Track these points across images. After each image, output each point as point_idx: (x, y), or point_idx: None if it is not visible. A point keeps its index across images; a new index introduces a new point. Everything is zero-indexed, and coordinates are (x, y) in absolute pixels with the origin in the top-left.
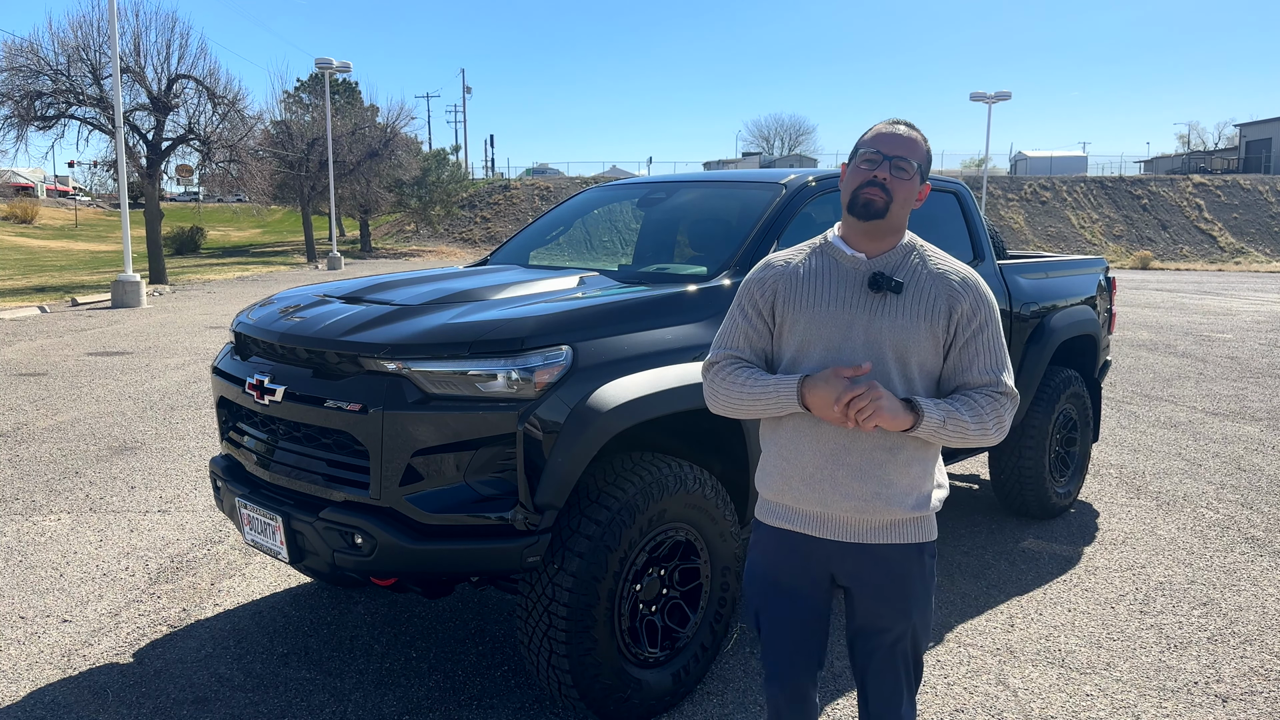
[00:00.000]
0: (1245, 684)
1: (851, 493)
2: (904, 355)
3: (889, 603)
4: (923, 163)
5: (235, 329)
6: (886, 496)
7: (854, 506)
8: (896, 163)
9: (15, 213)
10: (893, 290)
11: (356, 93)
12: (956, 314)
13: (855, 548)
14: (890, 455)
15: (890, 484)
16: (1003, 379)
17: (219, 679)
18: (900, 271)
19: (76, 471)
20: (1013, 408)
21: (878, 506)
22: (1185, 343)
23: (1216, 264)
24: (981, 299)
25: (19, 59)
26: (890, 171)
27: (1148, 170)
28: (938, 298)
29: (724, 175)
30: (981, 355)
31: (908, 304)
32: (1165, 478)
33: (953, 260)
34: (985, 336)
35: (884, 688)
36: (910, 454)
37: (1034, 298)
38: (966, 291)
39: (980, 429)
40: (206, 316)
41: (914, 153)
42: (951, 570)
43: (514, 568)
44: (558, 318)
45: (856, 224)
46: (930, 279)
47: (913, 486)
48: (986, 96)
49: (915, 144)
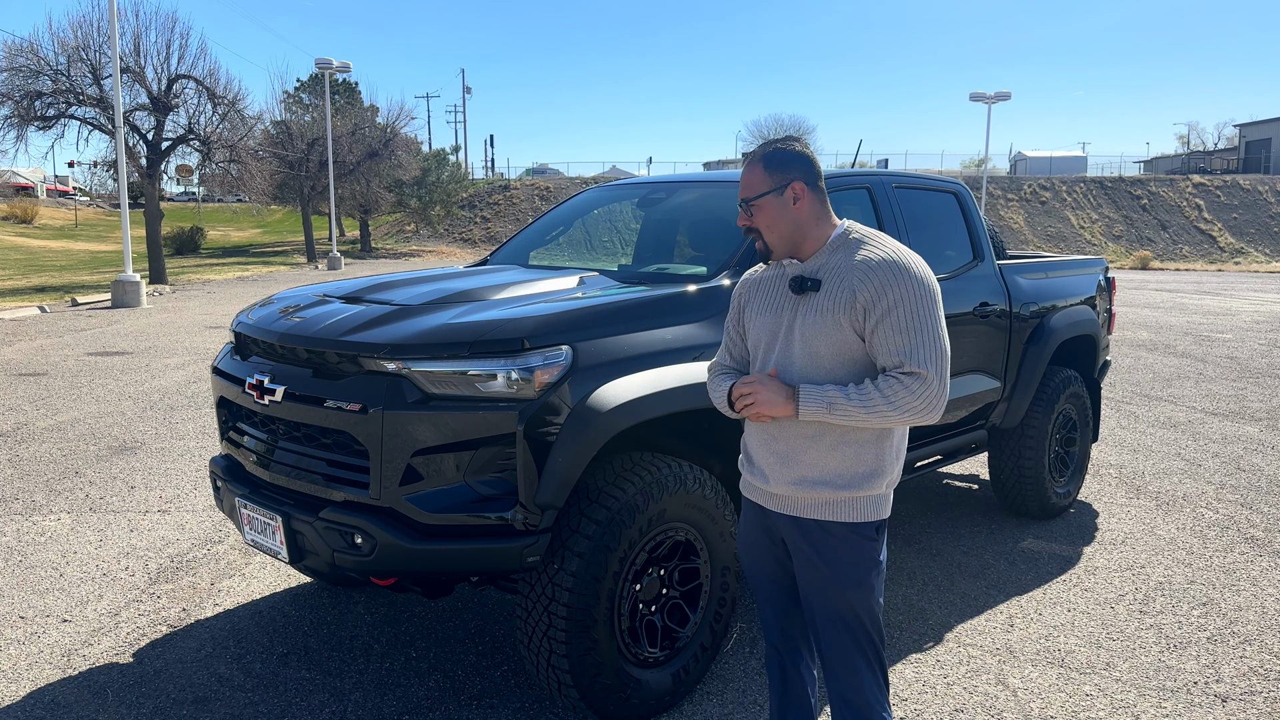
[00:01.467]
0: (1245, 684)
1: (780, 476)
2: (816, 349)
3: (818, 577)
4: (773, 184)
5: (235, 329)
6: (812, 479)
7: (784, 488)
8: (746, 207)
9: (15, 213)
10: (811, 289)
11: (356, 93)
12: (861, 299)
13: (792, 520)
14: (811, 442)
15: (814, 467)
16: (908, 360)
17: (219, 679)
18: (824, 269)
19: (76, 471)
20: (924, 389)
21: (804, 488)
22: (1185, 343)
23: (1216, 264)
24: (891, 280)
25: (19, 59)
26: (750, 216)
27: (1147, 170)
28: (844, 288)
29: (724, 175)
30: (890, 338)
31: (823, 300)
32: (1165, 478)
33: (880, 246)
34: (895, 318)
35: (837, 663)
36: (835, 439)
37: (1033, 298)
38: (872, 276)
39: (876, 413)
40: (206, 316)
41: (752, 188)
42: (951, 570)
43: (514, 568)
44: (558, 318)
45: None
46: (847, 270)
47: (843, 468)
48: (986, 97)
49: (751, 180)
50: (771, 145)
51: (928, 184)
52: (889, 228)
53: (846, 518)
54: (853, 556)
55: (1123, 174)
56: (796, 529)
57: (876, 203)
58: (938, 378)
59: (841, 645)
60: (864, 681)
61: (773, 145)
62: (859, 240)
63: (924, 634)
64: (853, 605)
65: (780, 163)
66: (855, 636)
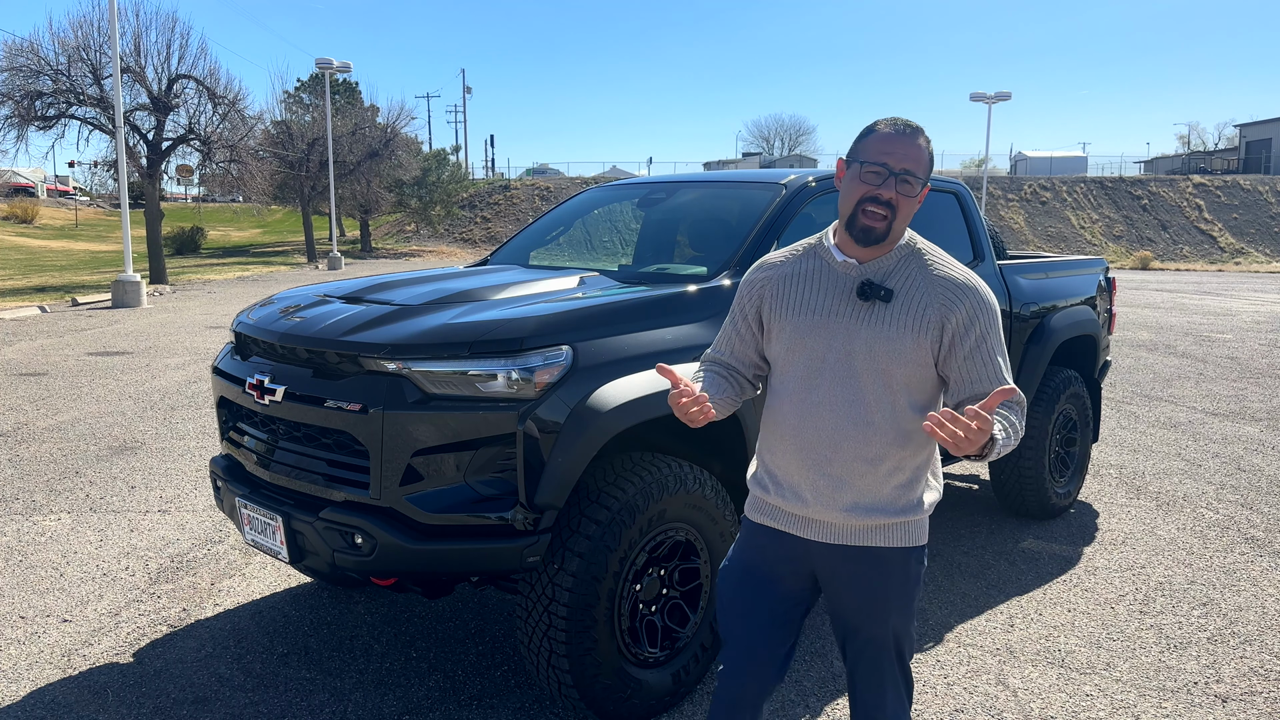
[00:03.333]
0: (1245, 684)
1: (833, 502)
2: (887, 367)
3: (868, 604)
4: (927, 172)
5: (235, 329)
6: (867, 506)
7: (835, 514)
8: (904, 178)
9: (15, 213)
10: (881, 299)
11: (356, 93)
12: (951, 323)
13: (837, 549)
14: (871, 467)
15: (871, 493)
16: (1015, 384)
17: (219, 679)
18: (893, 278)
19: (76, 471)
20: (1025, 415)
21: (858, 515)
22: (1185, 343)
23: (1216, 264)
24: (981, 305)
25: (19, 59)
26: (897, 189)
27: (1148, 171)
28: (928, 306)
29: (724, 175)
30: (990, 363)
31: (896, 313)
32: (1165, 478)
33: (952, 264)
34: (990, 343)
35: (870, 688)
36: (894, 464)
37: (1034, 298)
38: (963, 298)
39: (1017, 438)
40: (206, 316)
41: (920, 165)
42: (951, 570)
43: (514, 568)
44: (558, 318)
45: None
46: (924, 285)
47: (898, 495)
48: (986, 97)
49: (921, 153)
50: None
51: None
52: None
53: (901, 543)
54: (903, 582)
55: (1123, 174)
56: (841, 558)
57: None
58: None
59: (878, 670)
60: (889, 702)
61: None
62: (924, 253)
63: (924, 634)
64: (895, 631)
65: (931, 153)
66: (892, 660)
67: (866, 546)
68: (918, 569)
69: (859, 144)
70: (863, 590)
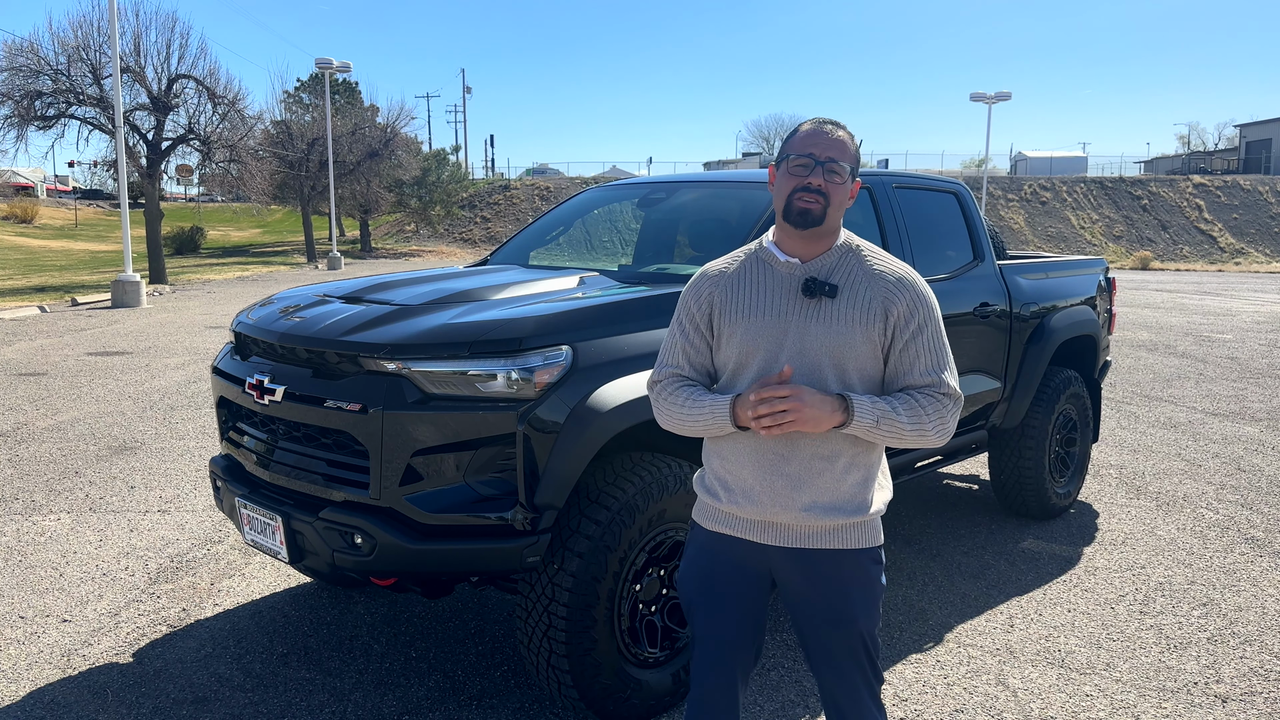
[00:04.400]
0: (1245, 684)
1: (790, 503)
2: (840, 361)
3: (831, 608)
4: (853, 163)
5: (235, 329)
6: (825, 505)
7: (793, 516)
8: (829, 166)
9: (15, 213)
10: (827, 295)
11: (356, 93)
12: (893, 315)
13: (796, 552)
14: (828, 463)
15: (829, 492)
16: (944, 379)
17: (219, 679)
18: (836, 274)
19: (76, 471)
20: (956, 409)
21: (816, 515)
22: (1185, 343)
23: (1216, 264)
24: (919, 298)
25: (19, 59)
26: (824, 176)
27: (1148, 171)
28: (873, 299)
29: (724, 175)
30: (923, 356)
31: (843, 308)
32: (1165, 478)
33: (890, 259)
34: (925, 336)
35: (842, 691)
36: (849, 460)
37: (1034, 298)
38: (903, 291)
39: (918, 430)
40: (206, 316)
41: (845, 154)
42: (951, 570)
43: (514, 568)
44: (558, 318)
45: (792, 230)
46: (866, 280)
47: (853, 493)
48: (986, 97)
49: (845, 145)
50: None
51: (928, 184)
52: (889, 228)
53: (857, 544)
54: (865, 584)
55: (1123, 174)
56: (799, 561)
57: (877, 203)
58: (960, 399)
59: (848, 676)
60: (865, 708)
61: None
62: (863, 249)
63: (924, 634)
64: (862, 634)
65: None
66: (860, 665)
67: (825, 549)
68: (876, 569)
69: (785, 144)
70: (825, 596)
